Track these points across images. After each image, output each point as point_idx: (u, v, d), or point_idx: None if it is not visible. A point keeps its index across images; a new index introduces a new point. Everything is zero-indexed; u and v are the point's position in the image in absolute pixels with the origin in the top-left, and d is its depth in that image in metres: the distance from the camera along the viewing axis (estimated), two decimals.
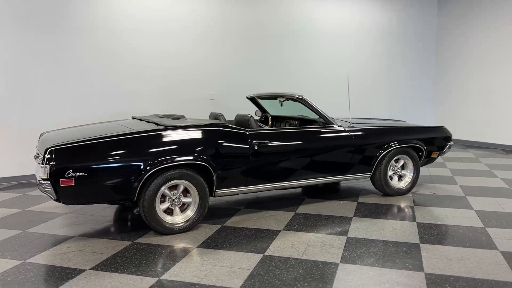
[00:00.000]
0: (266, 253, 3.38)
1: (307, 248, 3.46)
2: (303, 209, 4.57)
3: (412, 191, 5.30)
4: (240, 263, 3.20)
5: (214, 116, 5.08)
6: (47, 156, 3.37)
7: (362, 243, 3.56)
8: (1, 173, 5.99)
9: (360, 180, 5.92)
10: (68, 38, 6.25)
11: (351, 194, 5.21)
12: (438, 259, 3.22)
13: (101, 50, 6.50)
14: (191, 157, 3.78)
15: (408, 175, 5.11)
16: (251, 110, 7.61)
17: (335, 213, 4.40)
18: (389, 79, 9.48)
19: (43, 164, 3.37)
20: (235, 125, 4.58)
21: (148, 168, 3.61)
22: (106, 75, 6.56)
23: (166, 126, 3.89)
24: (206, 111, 7.32)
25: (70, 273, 3.07)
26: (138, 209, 4.62)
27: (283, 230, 3.93)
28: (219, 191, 4.06)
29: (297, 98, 4.63)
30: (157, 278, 2.97)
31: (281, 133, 4.33)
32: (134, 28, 6.71)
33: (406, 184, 5.08)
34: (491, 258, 3.23)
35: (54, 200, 3.47)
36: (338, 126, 4.67)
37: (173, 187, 3.86)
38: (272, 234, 3.81)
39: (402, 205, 4.70)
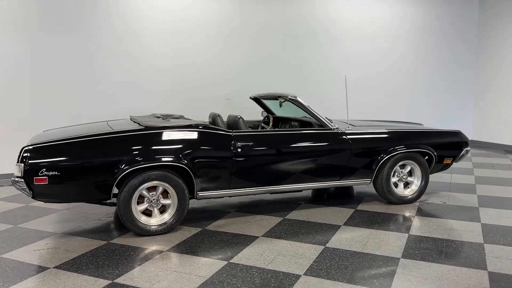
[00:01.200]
0: (231, 261, 3.25)
1: (276, 258, 3.29)
2: (294, 214, 4.38)
3: (421, 199, 4.93)
4: (200, 270, 3.10)
5: (212, 116, 4.99)
6: (23, 154, 3.45)
7: (337, 255, 3.33)
8: None
9: (370, 186, 5.59)
10: (85, 38, 6.43)
11: (353, 200, 4.93)
12: (412, 277, 2.94)
13: (116, 51, 6.63)
14: (168, 159, 3.73)
15: (415, 183, 4.75)
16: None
17: (325, 221, 4.18)
18: (424, 79, 8.94)
19: (18, 163, 3.44)
20: (227, 126, 4.49)
21: (121, 169, 3.60)
22: (121, 74, 6.69)
23: (146, 127, 3.86)
24: (222, 111, 7.25)
25: (32, 271, 3.11)
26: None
27: (262, 236, 3.78)
28: (201, 194, 3.98)
29: (289, 98, 4.45)
30: (111, 281, 2.93)
31: (267, 135, 4.17)
32: (149, 28, 6.78)
33: (412, 192, 4.73)
34: (474, 279, 2.89)
35: (31, 198, 3.53)
36: (333, 128, 4.43)
37: (153, 188, 3.82)
38: (248, 240, 3.67)
39: (403, 214, 4.37)
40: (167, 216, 3.85)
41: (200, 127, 3.96)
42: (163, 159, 3.71)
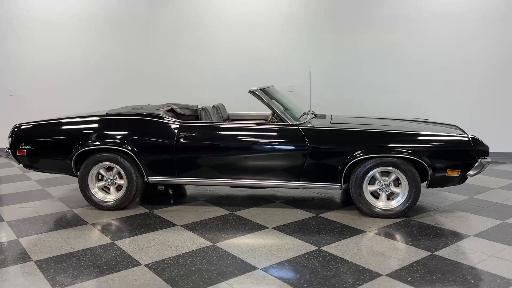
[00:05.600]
0: (115, 242, 3.50)
1: (152, 247, 3.40)
2: (246, 212, 4.25)
3: (416, 215, 4.06)
4: (81, 242, 3.48)
5: (215, 107, 5.17)
6: (12, 130, 4.38)
7: (204, 254, 3.21)
8: None
9: None
10: (156, 36, 7.31)
11: (335, 206, 4.41)
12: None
13: (184, 46, 7.30)
14: (113, 143, 4.14)
15: (400, 196, 3.96)
16: (331, 104, 7.05)
17: (262, 222, 3.95)
18: None
19: (9, 137, 4.40)
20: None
21: (76, 149, 4.19)
22: (188, 68, 7.34)
23: (106, 114, 4.36)
24: None
25: None
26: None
27: (180, 226, 3.88)
28: (151, 178, 4.27)
29: (249, 91, 4.29)
30: (17, 238, 3.57)
31: (212, 128, 4.16)
32: (215, 23, 7.21)
33: (390, 207, 3.97)
34: None
35: (23, 166, 4.46)
36: (289, 123, 4.08)
37: (112, 168, 4.29)
38: (162, 227, 3.84)
39: (357, 228, 3.75)
40: (111, 197, 4.29)
41: (148, 116, 4.23)
42: (108, 143, 4.15)
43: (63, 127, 4.31)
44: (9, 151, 4.39)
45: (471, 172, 3.89)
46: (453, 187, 5.03)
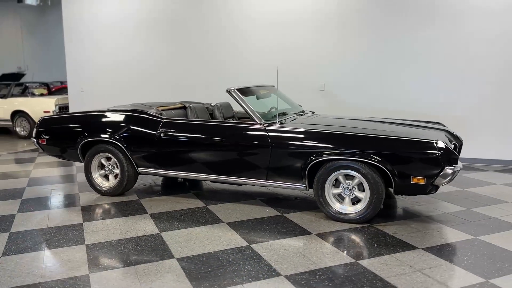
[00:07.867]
0: (84, 223, 3.99)
1: (100, 232, 3.79)
2: (217, 206, 4.44)
3: (381, 223, 3.87)
4: (53, 221, 3.99)
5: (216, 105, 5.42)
6: (38, 122, 5.15)
7: (145, 241, 3.52)
8: None
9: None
10: (200, 37, 7.75)
11: (309, 207, 4.38)
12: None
13: (225, 46, 7.64)
14: (106, 136, 4.65)
15: (361, 202, 3.83)
16: (359, 103, 6.81)
17: (223, 216, 4.13)
18: None
19: (35, 128, 5.17)
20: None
21: (80, 140, 4.79)
22: (226, 67, 7.67)
23: (107, 110, 4.89)
24: (315, 103, 7.12)
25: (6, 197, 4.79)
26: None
27: (149, 214, 4.22)
28: (140, 169, 4.70)
29: (226, 91, 4.45)
30: (15, 213, 4.25)
31: (189, 125, 4.44)
32: (254, 27, 7.41)
33: (345, 210, 3.87)
34: None
35: (48, 154, 5.22)
36: (258, 123, 4.16)
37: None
38: (134, 213, 4.23)
39: (305, 229, 3.72)
40: (107, 184, 4.81)
41: (138, 112, 4.65)
42: (104, 136, 4.66)
43: (72, 121, 4.93)
44: (35, 140, 5.16)
45: (440, 180, 3.59)
46: (459, 198, 4.62)
